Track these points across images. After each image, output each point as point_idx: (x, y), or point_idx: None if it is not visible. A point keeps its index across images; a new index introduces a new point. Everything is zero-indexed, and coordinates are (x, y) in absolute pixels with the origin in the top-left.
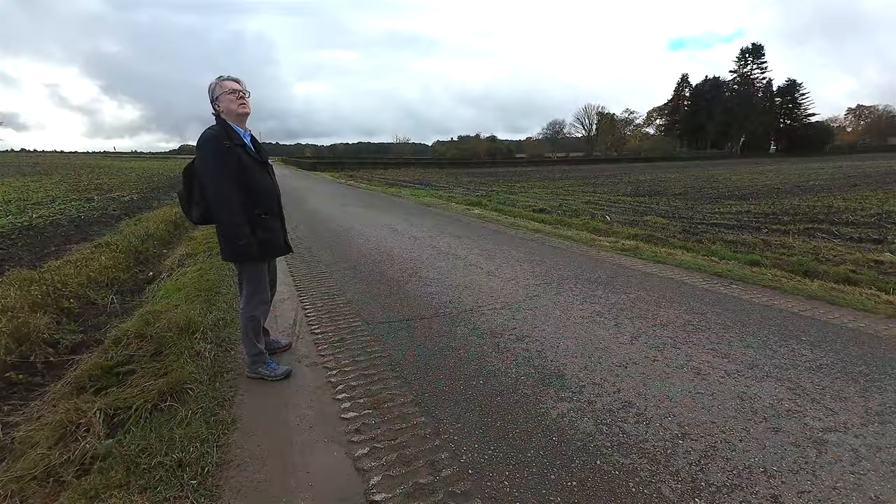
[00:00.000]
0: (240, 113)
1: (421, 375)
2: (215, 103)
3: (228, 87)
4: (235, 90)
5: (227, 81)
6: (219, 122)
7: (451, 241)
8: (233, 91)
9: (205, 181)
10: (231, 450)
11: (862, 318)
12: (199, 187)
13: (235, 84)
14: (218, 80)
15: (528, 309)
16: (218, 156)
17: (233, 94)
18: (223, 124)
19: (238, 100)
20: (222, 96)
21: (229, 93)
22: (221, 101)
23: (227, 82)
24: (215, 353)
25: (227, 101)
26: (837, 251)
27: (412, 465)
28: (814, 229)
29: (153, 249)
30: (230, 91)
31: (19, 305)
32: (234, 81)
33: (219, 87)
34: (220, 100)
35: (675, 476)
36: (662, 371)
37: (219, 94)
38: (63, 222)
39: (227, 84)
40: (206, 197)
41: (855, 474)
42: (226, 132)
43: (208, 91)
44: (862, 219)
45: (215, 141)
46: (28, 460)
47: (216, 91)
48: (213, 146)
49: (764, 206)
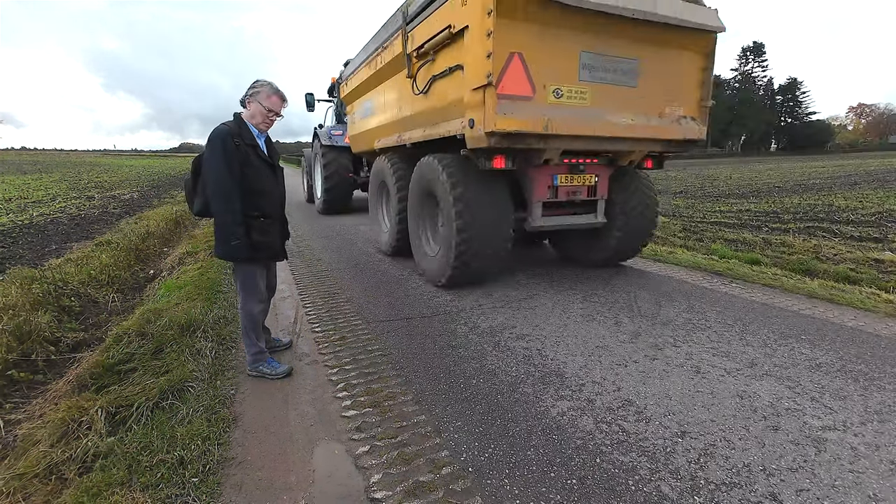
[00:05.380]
0: (260, 126)
1: (421, 374)
2: (248, 100)
3: (272, 103)
4: (273, 111)
5: (275, 97)
6: (236, 117)
7: None
8: (270, 110)
9: (207, 177)
10: (232, 447)
11: (862, 316)
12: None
13: (279, 104)
14: (270, 89)
15: (528, 308)
16: (224, 153)
17: (269, 112)
18: (239, 122)
19: (267, 118)
20: (260, 104)
21: (267, 109)
22: (254, 106)
23: (274, 98)
24: (216, 352)
25: (259, 111)
26: (838, 250)
27: (412, 462)
28: (814, 228)
29: (154, 248)
30: (269, 109)
31: (20, 303)
32: (281, 101)
33: (265, 94)
34: (254, 103)
35: (675, 474)
36: (662, 369)
37: (259, 99)
38: (64, 220)
39: (274, 100)
40: (208, 194)
41: (854, 472)
42: (239, 130)
43: (252, 86)
44: (862, 217)
45: (224, 138)
46: (30, 458)
47: (259, 95)
48: (221, 143)
49: (764, 204)
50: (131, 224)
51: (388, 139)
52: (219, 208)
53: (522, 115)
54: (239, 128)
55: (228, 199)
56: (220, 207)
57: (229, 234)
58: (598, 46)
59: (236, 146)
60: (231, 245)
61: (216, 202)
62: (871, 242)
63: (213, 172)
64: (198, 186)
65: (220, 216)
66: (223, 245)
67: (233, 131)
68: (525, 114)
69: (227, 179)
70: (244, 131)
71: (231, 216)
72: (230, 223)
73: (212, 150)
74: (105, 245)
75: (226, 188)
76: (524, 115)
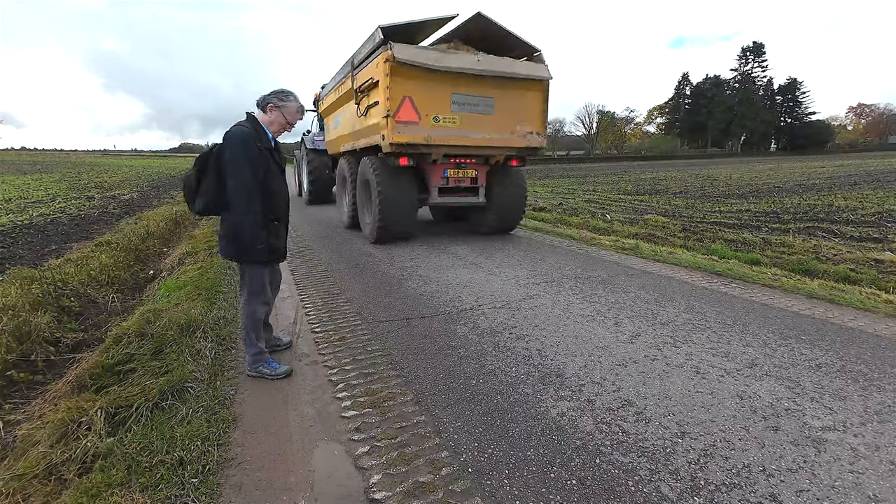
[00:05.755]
0: (274, 132)
1: (421, 374)
2: (270, 107)
3: (294, 118)
4: (291, 123)
5: (299, 114)
6: (251, 119)
7: (451, 239)
8: (289, 123)
9: (230, 177)
10: (232, 448)
11: (862, 317)
12: (212, 179)
13: (298, 118)
14: (297, 105)
15: (529, 308)
16: (249, 155)
17: (288, 124)
18: (256, 124)
19: (284, 128)
20: (283, 115)
21: (287, 122)
22: (276, 114)
23: (298, 115)
24: (216, 352)
25: (280, 121)
26: (837, 250)
27: (412, 463)
28: (814, 228)
29: (154, 248)
30: (288, 122)
31: (20, 304)
32: (300, 116)
33: (292, 109)
34: (277, 112)
35: (675, 475)
36: (662, 370)
37: (285, 111)
38: (63, 221)
39: (297, 116)
40: (228, 194)
41: (854, 473)
42: (256, 133)
43: (278, 95)
44: (862, 217)
45: (249, 140)
46: (29, 459)
47: (286, 108)
48: (245, 145)
49: (764, 204)
50: (131, 224)
51: (347, 145)
52: (241, 209)
53: (411, 133)
54: (256, 131)
55: (251, 201)
56: (242, 208)
57: (251, 236)
58: (464, 90)
59: (259, 150)
60: (257, 248)
61: (239, 203)
62: (871, 243)
63: (237, 172)
64: (201, 185)
65: (240, 217)
66: (235, 245)
67: (253, 135)
68: (413, 132)
69: (251, 181)
70: (262, 135)
71: (252, 217)
72: (252, 225)
73: (236, 152)
74: (105, 245)
75: (248, 189)
76: (412, 133)
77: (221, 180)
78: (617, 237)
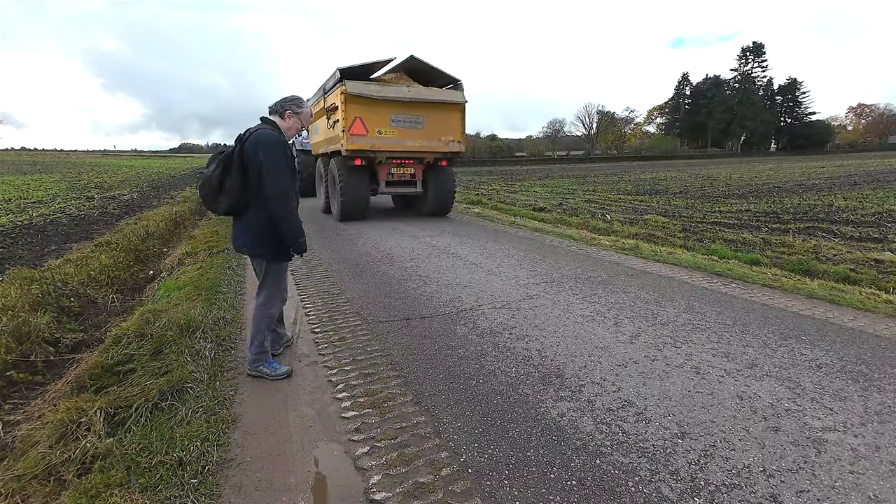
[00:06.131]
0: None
1: (421, 374)
2: (289, 113)
3: (307, 120)
4: (305, 128)
5: (310, 117)
6: (273, 125)
7: (451, 239)
8: (303, 128)
9: (271, 179)
10: (231, 449)
11: (862, 317)
12: (237, 179)
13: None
14: (307, 108)
15: (529, 308)
16: (287, 159)
17: (302, 129)
18: (278, 130)
19: (297, 133)
20: (298, 119)
21: (302, 127)
22: (294, 120)
23: (309, 118)
24: (216, 352)
25: (296, 127)
26: (838, 250)
27: (412, 463)
28: (814, 228)
29: (153, 248)
30: (302, 128)
31: (20, 304)
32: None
33: (304, 112)
34: (295, 118)
35: (675, 475)
36: (662, 370)
37: (303, 118)
38: (63, 221)
39: (308, 119)
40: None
41: (854, 473)
42: (281, 137)
43: (296, 102)
44: (862, 218)
45: (285, 145)
46: (29, 459)
47: (304, 115)
48: (283, 149)
49: (764, 204)
50: (131, 224)
51: (322, 149)
52: (283, 211)
53: (361, 143)
54: (280, 135)
55: (290, 200)
56: (284, 210)
57: (294, 232)
58: (399, 112)
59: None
60: (300, 242)
61: (280, 205)
62: (871, 243)
63: (277, 174)
64: (224, 185)
65: (279, 216)
66: (269, 245)
67: (283, 139)
68: (362, 142)
69: (289, 182)
70: (284, 139)
71: (292, 215)
72: (292, 223)
73: (276, 154)
74: (105, 245)
75: (286, 190)
76: (362, 143)
77: (246, 180)
78: (617, 237)
